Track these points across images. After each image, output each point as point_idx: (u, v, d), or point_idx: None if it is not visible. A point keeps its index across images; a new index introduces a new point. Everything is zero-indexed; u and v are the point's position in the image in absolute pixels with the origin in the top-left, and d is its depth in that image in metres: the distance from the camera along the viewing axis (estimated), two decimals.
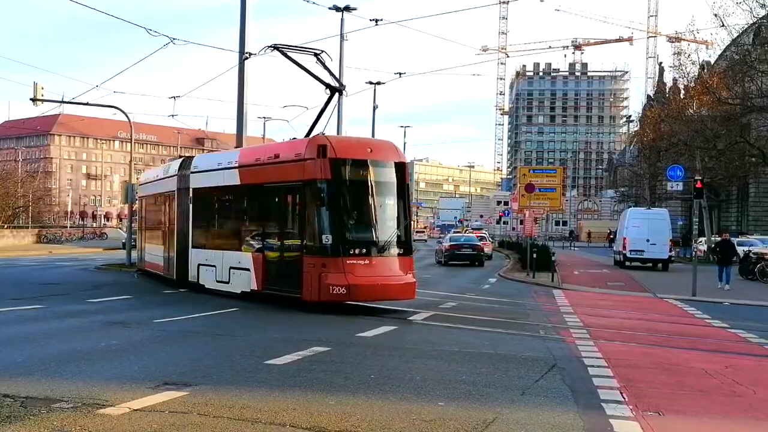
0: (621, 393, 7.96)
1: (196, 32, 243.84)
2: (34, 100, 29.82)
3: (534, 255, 28.68)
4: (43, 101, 30.82)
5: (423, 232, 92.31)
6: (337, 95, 17.43)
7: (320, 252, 14.49)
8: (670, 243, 35.45)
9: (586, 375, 8.98)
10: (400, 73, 36.80)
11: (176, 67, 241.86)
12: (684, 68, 47.83)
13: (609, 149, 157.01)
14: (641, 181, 66.33)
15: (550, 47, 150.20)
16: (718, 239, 28.36)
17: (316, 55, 17.07)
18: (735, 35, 41.18)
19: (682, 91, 53.53)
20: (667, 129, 52.68)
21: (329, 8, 32.20)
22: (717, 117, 43.29)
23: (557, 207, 36.40)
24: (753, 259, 28.38)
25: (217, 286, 17.84)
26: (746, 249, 30.97)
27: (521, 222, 40.58)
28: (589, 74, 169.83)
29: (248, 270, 16.48)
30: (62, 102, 36.31)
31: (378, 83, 42.66)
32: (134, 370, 8.54)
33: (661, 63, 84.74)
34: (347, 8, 32.37)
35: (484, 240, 45.56)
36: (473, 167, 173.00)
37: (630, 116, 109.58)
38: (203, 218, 19.52)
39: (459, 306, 17.07)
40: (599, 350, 10.85)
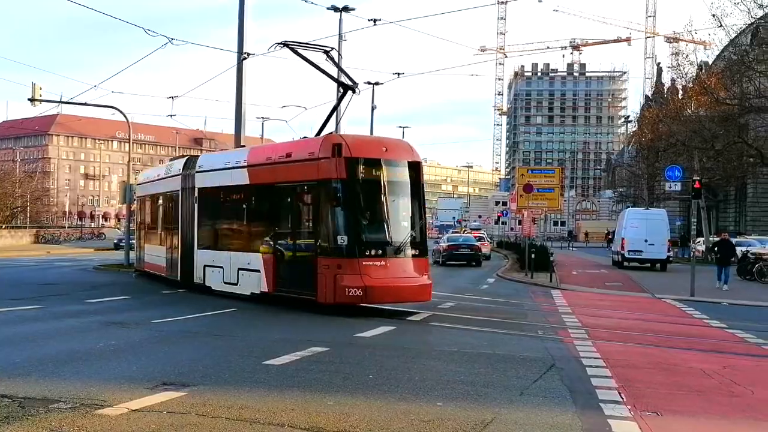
0: (619, 393, 7.96)
1: (195, 32, 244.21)
2: (32, 100, 29.81)
3: (532, 255, 28.70)
4: (41, 101, 30.81)
5: None
6: (350, 93, 17.05)
7: (335, 253, 14.12)
8: (669, 243, 35.43)
9: (585, 375, 8.98)
10: (399, 74, 36.56)
11: (174, 68, 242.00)
12: (682, 68, 47.86)
13: (607, 149, 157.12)
14: (639, 182, 66.31)
15: (549, 48, 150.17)
16: (717, 239, 28.35)
17: (327, 53, 16.83)
18: (733, 36, 41.21)
19: (680, 92, 53.52)
20: (665, 129, 52.66)
21: (327, 8, 32.09)
22: (715, 117, 43.26)
23: (555, 207, 36.43)
24: (751, 260, 28.38)
25: (225, 288, 17.43)
26: (744, 249, 30.97)
27: (519, 222, 40.67)
28: (588, 75, 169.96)
29: (258, 271, 16.07)
30: (60, 102, 36.43)
31: (376, 83, 42.74)
32: (132, 371, 8.53)
33: (659, 63, 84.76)
34: (346, 8, 32.23)
35: (482, 240, 45.53)
36: (471, 167, 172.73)
37: (628, 116, 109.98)
38: (210, 218, 18.98)
39: (457, 306, 17.05)
40: (597, 350, 10.85)
